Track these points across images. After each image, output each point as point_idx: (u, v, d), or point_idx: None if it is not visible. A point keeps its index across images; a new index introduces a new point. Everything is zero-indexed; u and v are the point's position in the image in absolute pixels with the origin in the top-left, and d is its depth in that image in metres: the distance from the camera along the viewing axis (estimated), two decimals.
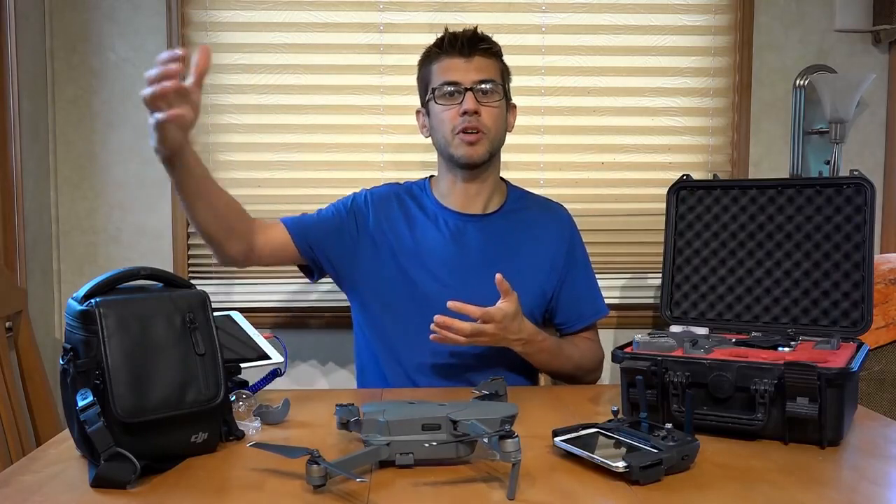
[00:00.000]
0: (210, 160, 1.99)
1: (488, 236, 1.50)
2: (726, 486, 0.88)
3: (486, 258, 1.48)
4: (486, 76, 1.43)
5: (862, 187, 1.24)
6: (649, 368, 1.09)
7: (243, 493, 0.87)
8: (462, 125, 1.42)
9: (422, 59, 1.51)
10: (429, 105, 1.48)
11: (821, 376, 1.00)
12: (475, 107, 1.41)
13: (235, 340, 1.27)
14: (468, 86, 1.42)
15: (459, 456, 0.94)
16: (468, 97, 1.41)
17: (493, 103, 1.44)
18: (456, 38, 1.44)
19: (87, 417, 0.88)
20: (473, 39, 1.44)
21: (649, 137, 2.04)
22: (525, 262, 1.51)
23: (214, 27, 1.97)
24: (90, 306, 0.92)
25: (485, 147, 1.44)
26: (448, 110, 1.43)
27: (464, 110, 1.41)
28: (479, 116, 1.42)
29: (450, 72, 1.43)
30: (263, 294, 2.00)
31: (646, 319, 2.04)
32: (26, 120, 1.84)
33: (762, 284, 1.31)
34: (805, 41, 2.04)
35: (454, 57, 1.43)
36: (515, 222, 1.54)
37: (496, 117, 1.45)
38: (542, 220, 1.56)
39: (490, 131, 1.44)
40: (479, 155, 1.44)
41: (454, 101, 1.43)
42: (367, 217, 1.51)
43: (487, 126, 1.43)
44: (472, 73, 1.43)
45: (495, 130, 1.46)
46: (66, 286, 2.00)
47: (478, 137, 1.43)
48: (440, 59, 1.45)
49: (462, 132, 1.42)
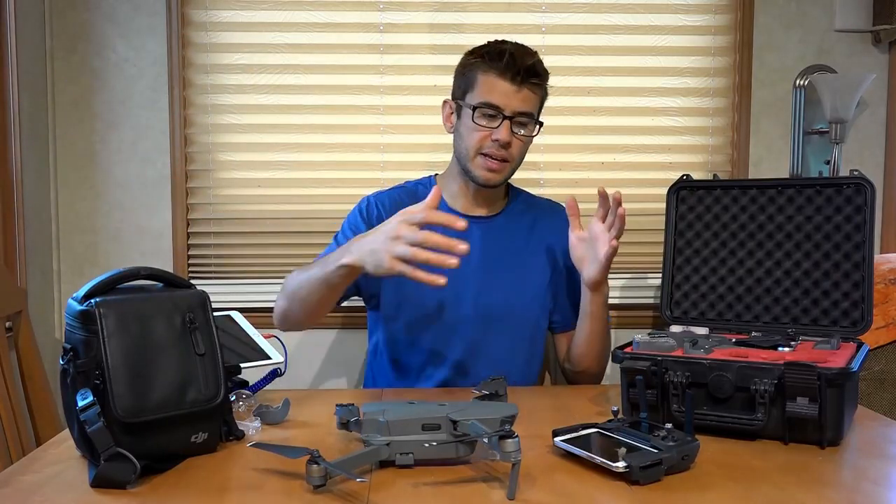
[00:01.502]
0: (210, 160, 1.99)
1: (493, 238, 1.51)
2: (726, 486, 0.88)
3: (491, 260, 1.49)
4: (526, 109, 1.42)
5: (862, 187, 1.24)
6: (649, 368, 1.09)
7: (243, 493, 0.87)
8: (489, 150, 1.41)
9: (470, 59, 1.46)
10: (462, 109, 1.45)
11: (821, 376, 1.00)
12: (509, 138, 1.40)
13: (235, 340, 1.27)
14: (509, 114, 1.40)
15: (459, 456, 0.94)
16: (504, 126, 1.39)
17: (525, 136, 1.44)
18: (515, 61, 1.39)
19: (87, 417, 0.88)
20: (531, 71, 1.40)
21: (649, 137, 2.04)
22: (528, 263, 1.51)
23: (214, 27, 1.97)
24: (90, 306, 0.92)
25: (504, 174, 1.45)
26: (480, 130, 1.41)
27: (496, 138, 1.39)
28: (508, 147, 1.41)
29: (495, 94, 1.39)
30: (263, 294, 1.99)
31: (646, 319, 2.04)
32: (26, 120, 1.84)
33: (762, 284, 1.31)
34: (805, 41, 2.04)
35: (505, 80, 1.39)
36: (518, 223, 1.54)
37: (523, 149, 1.46)
38: (544, 220, 1.56)
39: (514, 160, 1.45)
40: (497, 181, 1.45)
41: (490, 125, 1.41)
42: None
43: (514, 156, 1.44)
44: (517, 102, 1.40)
45: (519, 160, 1.46)
46: (66, 286, 2.00)
47: (501, 167, 1.42)
48: (489, 73, 1.41)
49: (487, 156, 1.41)
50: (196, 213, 2.01)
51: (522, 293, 1.50)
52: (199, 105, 1.98)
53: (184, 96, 1.97)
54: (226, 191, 2.01)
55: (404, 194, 1.53)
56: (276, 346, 1.27)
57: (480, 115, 1.41)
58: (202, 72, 1.98)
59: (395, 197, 1.53)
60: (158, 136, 1.98)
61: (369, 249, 1.15)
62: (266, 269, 2.02)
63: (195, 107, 1.98)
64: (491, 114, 1.40)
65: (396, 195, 1.54)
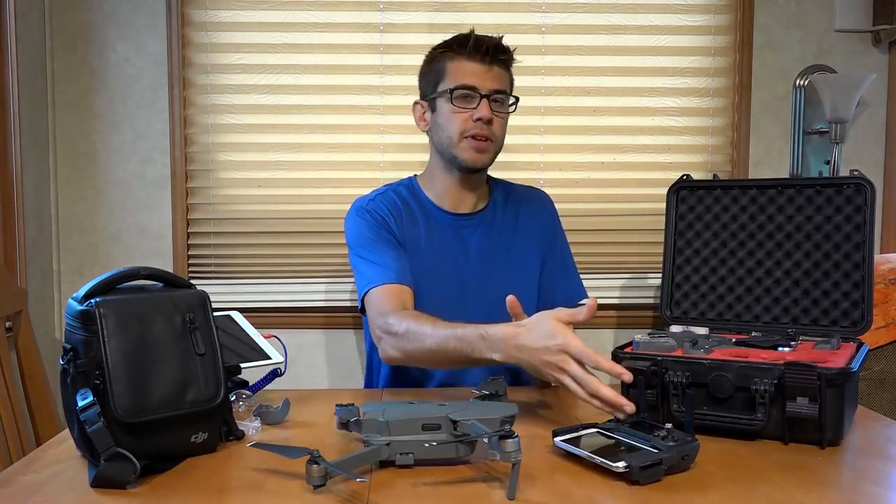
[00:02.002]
0: (210, 160, 2.00)
1: (482, 234, 1.51)
2: (726, 486, 0.88)
3: (483, 255, 1.49)
4: (500, 86, 1.44)
5: (862, 187, 1.24)
6: (649, 368, 1.09)
7: (243, 493, 0.87)
8: (473, 131, 1.42)
9: (435, 53, 1.48)
10: (436, 102, 1.47)
11: (821, 376, 1.00)
12: (491, 115, 1.41)
13: (235, 340, 1.27)
14: (485, 93, 1.42)
15: (459, 456, 0.94)
16: (484, 104, 1.41)
17: (503, 113, 1.46)
18: (481, 42, 1.42)
19: (87, 417, 0.88)
20: (498, 48, 1.43)
21: (649, 137, 2.04)
22: (518, 254, 1.53)
23: (214, 27, 1.97)
24: (90, 306, 0.92)
25: (490, 155, 1.46)
26: (461, 113, 1.42)
27: (478, 117, 1.41)
28: (490, 125, 1.42)
29: (468, 76, 1.42)
30: (263, 294, 2.00)
31: (646, 319, 2.04)
32: (26, 120, 1.84)
33: (762, 284, 1.31)
34: (805, 41, 2.04)
35: (475, 61, 1.42)
36: (504, 216, 1.55)
37: (504, 127, 1.47)
38: (528, 209, 1.57)
39: (497, 140, 1.46)
40: (484, 161, 1.46)
41: (468, 106, 1.42)
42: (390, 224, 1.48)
43: (496, 135, 1.45)
44: (490, 81, 1.42)
45: (501, 139, 1.47)
46: (66, 286, 2.00)
47: (487, 145, 1.43)
48: (457, 59, 1.43)
49: (472, 138, 1.42)
50: (196, 213, 2.01)
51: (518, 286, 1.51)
52: (199, 105, 1.98)
53: (184, 96, 1.97)
54: (226, 191, 2.01)
55: (393, 195, 1.51)
56: (276, 346, 1.27)
57: (458, 98, 1.42)
58: (202, 72, 1.98)
59: (388, 198, 1.51)
60: (158, 136, 1.98)
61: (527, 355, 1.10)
62: (266, 269, 2.02)
63: (195, 107, 1.98)
64: (468, 94, 1.42)
65: (389, 197, 1.51)
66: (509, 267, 1.51)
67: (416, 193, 1.53)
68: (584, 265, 1.76)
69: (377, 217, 1.48)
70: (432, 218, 1.51)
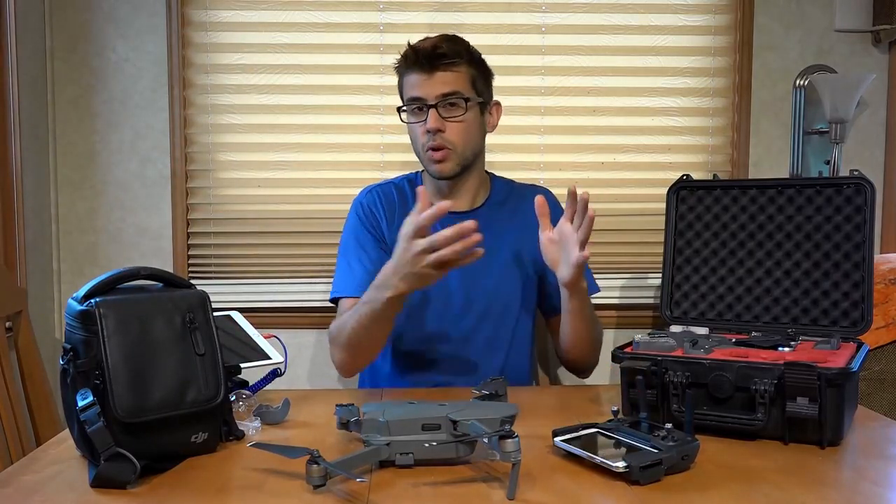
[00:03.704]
0: (210, 160, 1.99)
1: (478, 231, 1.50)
2: (726, 486, 0.88)
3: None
4: (448, 90, 1.41)
5: (862, 187, 1.24)
6: (649, 368, 1.09)
7: (243, 493, 0.87)
8: (429, 143, 1.43)
9: (396, 69, 1.51)
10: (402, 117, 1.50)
11: (821, 376, 1.00)
12: (437, 125, 1.41)
13: (235, 340, 1.27)
14: (431, 102, 1.41)
15: (459, 456, 0.94)
16: (431, 115, 1.41)
17: (458, 118, 1.43)
18: (417, 52, 1.42)
19: (87, 417, 0.88)
20: (433, 55, 1.41)
21: (649, 137, 2.04)
22: (516, 252, 1.52)
23: (214, 27, 1.97)
24: (90, 306, 0.92)
25: (453, 162, 1.45)
26: (417, 126, 1.45)
27: (426, 129, 1.42)
28: (443, 134, 1.42)
29: (413, 88, 1.43)
30: (263, 294, 2.00)
31: (646, 319, 2.04)
32: (26, 120, 1.84)
33: (762, 284, 1.31)
34: (805, 41, 2.04)
35: (416, 72, 1.43)
36: (502, 213, 1.55)
37: (462, 131, 1.44)
38: (528, 206, 1.56)
39: (457, 146, 1.44)
40: (449, 170, 1.46)
41: (420, 118, 1.44)
42: (380, 222, 1.53)
43: (452, 142, 1.43)
44: (434, 88, 1.41)
45: (463, 144, 1.45)
46: (66, 286, 2.00)
47: (444, 154, 1.43)
48: (406, 74, 1.46)
49: (430, 150, 1.43)
50: (196, 213, 2.01)
51: (514, 279, 1.51)
52: (199, 105, 1.98)
53: (184, 96, 1.97)
54: (226, 191, 2.01)
55: (393, 189, 1.58)
56: (276, 346, 1.27)
57: (409, 114, 1.46)
58: (202, 72, 1.98)
59: (386, 192, 1.57)
60: (158, 136, 1.98)
61: (402, 276, 1.21)
62: (266, 269, 2.02)
63: (195, 107, 1.98)
64: (417, 107, 1.44)
65: (388, 190, 1.58)
66: (505, 265, 1.51)
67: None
68: None
69: (368, 212, 1.54)
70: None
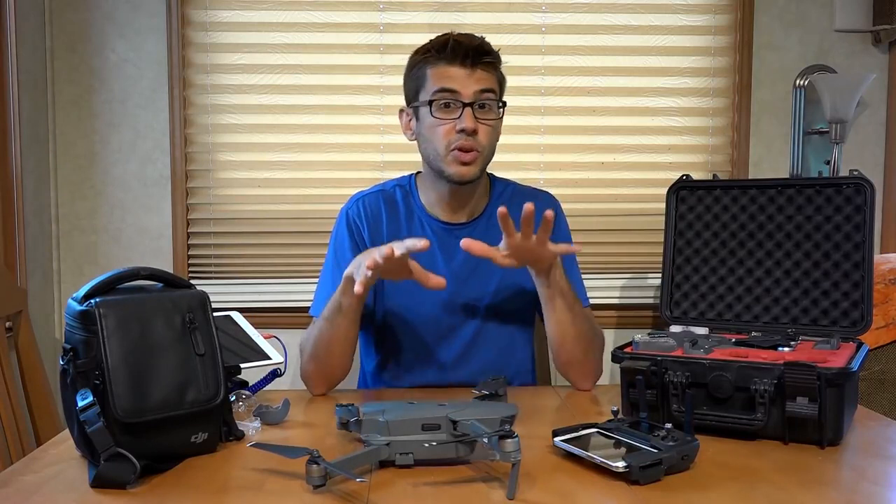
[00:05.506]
0: (210, 160, 2.00)
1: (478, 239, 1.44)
2: (726, 486, 0.88)
3: (473, 264, 1.42)
4: (486, 86, 1.35)
5: (862, 187, 1.24)
6: (649, 368, 1.09)
7: (243, 493, 0.87)
8: (457, 143, 1.33)
9: (416, 59, 1.42)
10: (419, 111, 1.38)
11: (821, 376, 1.00)
12: (475, 125, 1.33)
13: (235, 340, 1.27)
14: (468, 100, 1.32)
15: (459, 456, 0.94)
16: (467, 114, 1.32)
17: (490, 120, 1.36)
18: (460, 45, 1.33)
19: (87, 417, 0.88)
20: (479, 51, 1.34)
21: (649, 137, 2.04)
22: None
23: (214, 27, 1.97)
24: (90, 306, 0.92)
25: (479, 166, 1.37)
26: (443, 125, 1.34)
27: (461, 128, 1.32)
28: (476, 135, 1.34)
29: (448, 80, 1.33)
30: (263, 294, 2.00)
31: (646, 319, 2.04)
32: (26, 120, 1.84)
33: (762, 284, 1.31)
34: (805, 41, 2.04)
35: (457, 66, 1.33)
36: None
37: (491, 134, 1.38)
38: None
39: (485, 150, 1.37)
40: (473, 174, 1.36)
41: (450, 116, 1.33)
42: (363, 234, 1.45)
43: (483, 145, 1.36)
44: (472, 85, 1.33)
45: (490, 148, 1.39)
46: (66, 286, 2.00)
47: (473, 157, 1.34)
48: (437, 65, 1.35)
49: (458, 150, 1.34)
50: (196, 213, 2.01)
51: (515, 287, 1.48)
52: (199, 105, 1.98)
53: (184, 96, 1.97)
54: (226, 191, 2.01)
55: (382, 201, 1.47)
56: (275, 347, 1.27)
57: (438, 108, 1.34)
58: (202, 72, 1.98)
59: (372, 204, 1.47)
60: (158, 136, 1.98)
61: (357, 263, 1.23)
62: (266, 269, 2.02)
63: (195, 107, 1.98)
64: (448, 101, 1.33)
65: (374, 203, 1.47)
66: (501, 276, 1.44)
67: (409, 196, 1.47)
68: (584, 265, 1.75)
69: (352, 223, 1.45)
70: (419, 225, 1.45)
